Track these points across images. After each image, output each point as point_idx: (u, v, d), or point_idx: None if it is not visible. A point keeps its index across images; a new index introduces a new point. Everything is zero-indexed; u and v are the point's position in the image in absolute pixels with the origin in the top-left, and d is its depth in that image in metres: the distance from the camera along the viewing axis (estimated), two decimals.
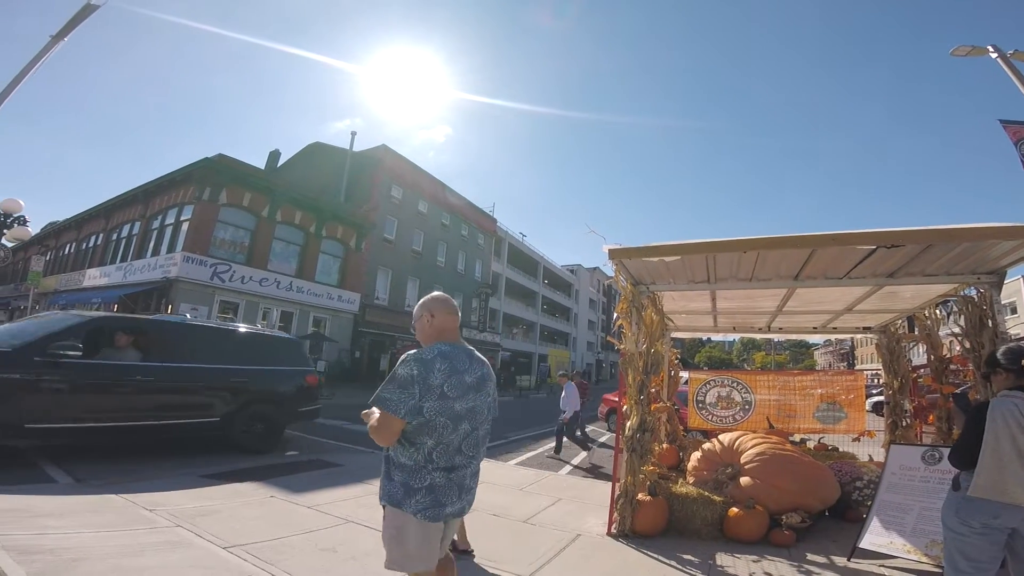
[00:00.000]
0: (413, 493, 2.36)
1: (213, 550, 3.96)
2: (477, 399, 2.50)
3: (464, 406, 2.42)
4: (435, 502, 2.36)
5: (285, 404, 8.59)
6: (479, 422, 2.53)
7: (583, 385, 13.99)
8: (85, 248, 29.60)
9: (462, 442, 2.45)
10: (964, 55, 11.86)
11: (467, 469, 2.50)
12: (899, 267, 4.87)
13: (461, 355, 2.51)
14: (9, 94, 9.24)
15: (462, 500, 2.49)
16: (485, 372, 2.61)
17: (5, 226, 12.02)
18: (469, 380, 2.46)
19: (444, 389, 2.35)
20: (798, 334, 8.41)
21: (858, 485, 5.87)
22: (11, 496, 4.76)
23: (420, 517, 2.34)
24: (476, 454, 2.56)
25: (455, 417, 2.39)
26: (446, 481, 2.40)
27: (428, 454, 2.37)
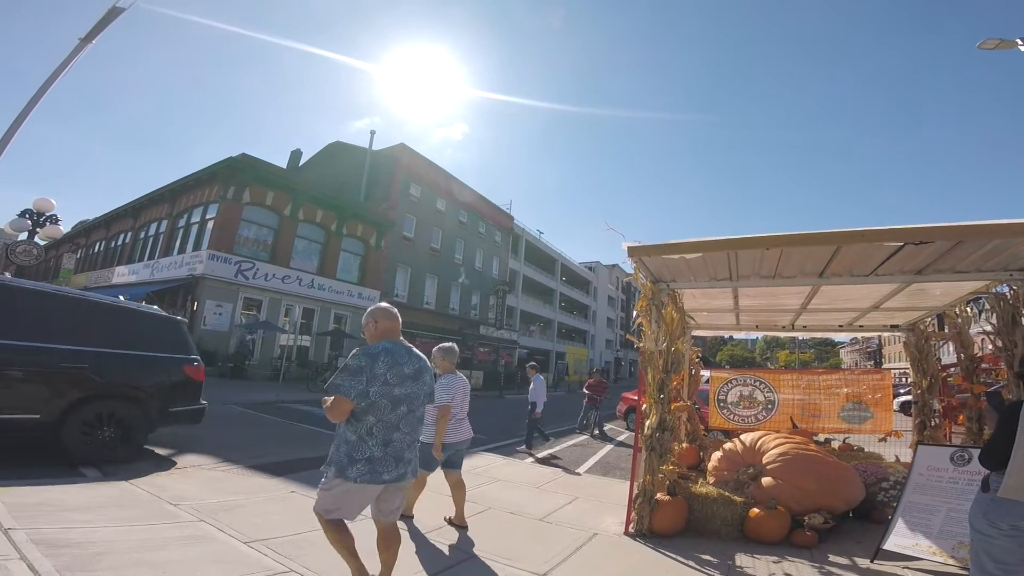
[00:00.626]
0: (354, 463, 2.91)
1: (234, 544, 4.00)
2: (414, 387, 3.13)
3: (402, 391, 3.04)
4: (372, 470, 2.92)
5: (149, 402, 6.58)
6: (415, 405, 3.17)
7: (601, 384, 13.95)
8: (114, 246, 30.27)
9: (400, 421, 3.05)
10: (992, 48, 11.52)
11: (404, 443, 3.08)
12: (928, 264, 4.75)
13: (401, 351, 3.15)
14: (41, 96, 9.44)
15: (399, 469, 3.04)
16: (422, 365, 3.25)
17: (38, 224, 12.32)
18: (407, 371, 3.09)
19: (387, 377, 2.96)
20: (823, 332, 8.24)
21: (884, 486, 5.77)
22: (39, 490, 4.87)
23: (359, 482, 2.90)
24: (413, 431, 3.17)
25: (394, 400, 3.00)
26: (383, 453, 2.96)
27: (369, 429, 2.95)
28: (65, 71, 9.54)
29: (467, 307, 36.20)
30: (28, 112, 9.43)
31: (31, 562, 3.23)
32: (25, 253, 12.07)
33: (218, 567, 3.57)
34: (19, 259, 12.04)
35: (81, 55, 9.57)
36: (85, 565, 3.32)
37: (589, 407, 13.80)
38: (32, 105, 9.46)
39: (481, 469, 7.88)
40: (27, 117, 9.44)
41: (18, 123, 9.34)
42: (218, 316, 20.16)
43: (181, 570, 3.46)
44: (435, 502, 5.69)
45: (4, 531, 3.65)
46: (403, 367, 3.06)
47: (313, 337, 24.03)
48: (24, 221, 12.18)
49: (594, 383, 14.00)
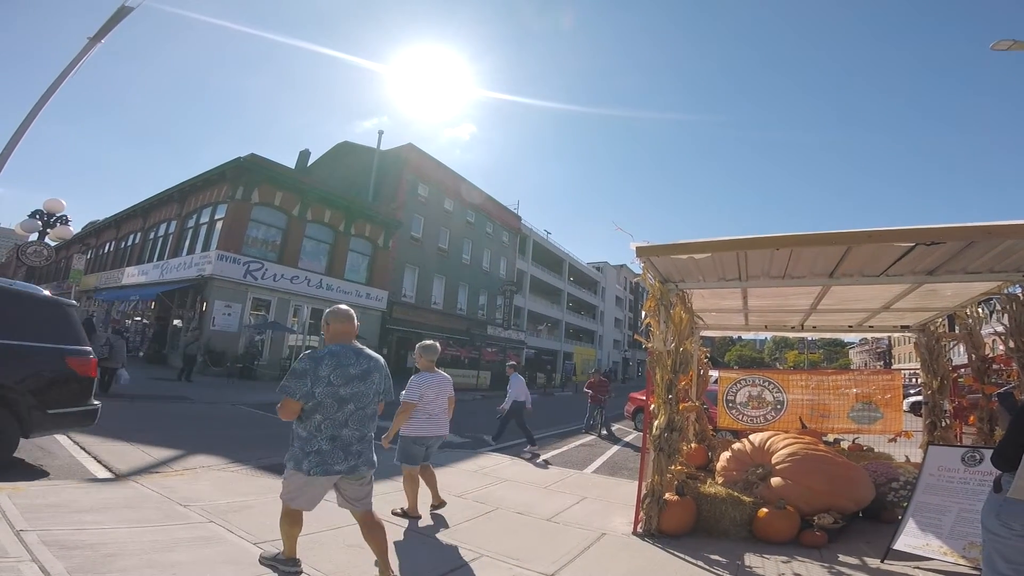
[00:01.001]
0: (306, 456, 3.20)
1: (244, 546, 4.02)
2: (361, 386, 3.34)
3: (348, 391, 3.27)
4: (323, 462, 3.19)
5: (18, 402, 5.38)
6: (364, 403, 3.36)
7: (602, 383, 13.96)
8: (124, 247, 30.52)
9: (348, 418, 3.28)
10: (1005, 49, 11.39)
11: (353, 438, 3.31)
12: (939, 264, 4.71)
13: (349, 353, 3.36)
14: (50, 96, 9.49)
15: (349, 461, 3.27)
16: (371, 366, 3.44)
17: (48, 225, 12.42)
18: (353, 371, 3.31)
19: (331, 379, 3.21)
20: (833, 333, 8.20)
21: (894, 486, 5.73)
22: (50, 491, 4.92)
23: (312, 473, 3.17)
24: (362, 427, 3.37)
25: (340, 399, 3.24)
26: (331, 447, 3.21)
27: (317, 426, 3.21)
28: (74, 70, 9.58)
29: (475, 307, 36.23)
30: (38, 111, 9.49)
31: (43, 564, 3.26)
32: (35, 254, 12.17)
33: (229, 568, 3.59)
34: (29, 260, 12.15)
35: (90, 54, 9.61)
36: (96, 567, 3.34)
37: (593, 407, 13.83)
38: (42, 104, 9.51)
39: (488, 469, 7.89)
40: (36, 116, 9.49)
41: (28, 122, 9.39)
42: (227, 317, 20.26)
43: (192, 571, 3.48)
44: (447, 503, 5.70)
45: (16, 533, 3.68)
46: (349, 368, 3.30)
47: (321, 338, 24.05)
48: (34, 222, 12.28)
49: (595, 383, 14.02)
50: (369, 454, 3.42)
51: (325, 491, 3.34)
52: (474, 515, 5.44)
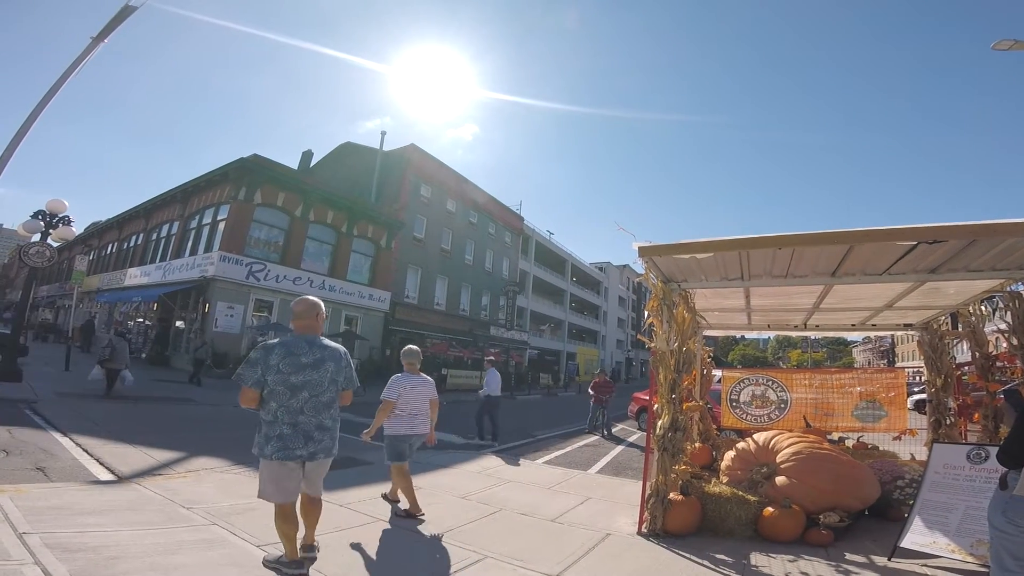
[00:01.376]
0: (269, 441, 3.40)
1: (247, 548, 4.02)
2: (314, 374, 3.50)
3: (300, 379, 3.45)
4: (284, 447, 3.38)
5: None
6: (318, 391, 3.52)
7: (606, 384, 14.01)
8: (126, 248, 30.56)
9: (303, 405, 3.46)
10: (1006, 49, 11.33)
11: (311, 424, 3.48)
12: (942, 263, 4.69)
13: (301, 343, 3.55)
14: (52, 96, 9.48)
15: (309, 447, 3.46)
16: (324, 355, 3.60)
17: (51, 226, 12.42)
18: (305, 360, 3.49)
19: (280, 367, 3.41)
20: (836, 332, 8.16)
21: (899, 484, 5.71)
22: (53, 493, 4.92)
23: (274, 458, 3.37)
24: (318, 414, 3.52)
25: (292, 387, 3.43)
26: (292, 432, 3.41)
27: (275, 413, 3.41)
28: (77, 70, 9.57)
29: (477, 308, 36.21)
30: (40, 111, 9.47)
31: (45, 567, 3.26)
32: (38, 255, 12.18)
33: (232, 571, 3.59)
34: (32, 260, 12.16)
35: (93, 54, 9.60)
36: (99, 569, 3.34)
37: (596, 407, 13.85)
38: (44, 104, 9.51)
39: (492, 470, 7.88)
40: (39, 116, 9.48)
41: (30, 122, 9.38)
42: (230, 318, 20.28)
43: (195, 574, 3.49)
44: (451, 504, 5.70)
45: (19, 535, 3.69)
46: (300, 357, 3.48)
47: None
48: (37, 222, 12.26)
49: (599, 383, 14.05)
50: (329, 443, 3.60)
51: (295, 478, 3.48)
52: (478, 516, 5.42)
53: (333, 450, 3.64)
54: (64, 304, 34.40)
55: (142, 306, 25.09)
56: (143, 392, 13.09)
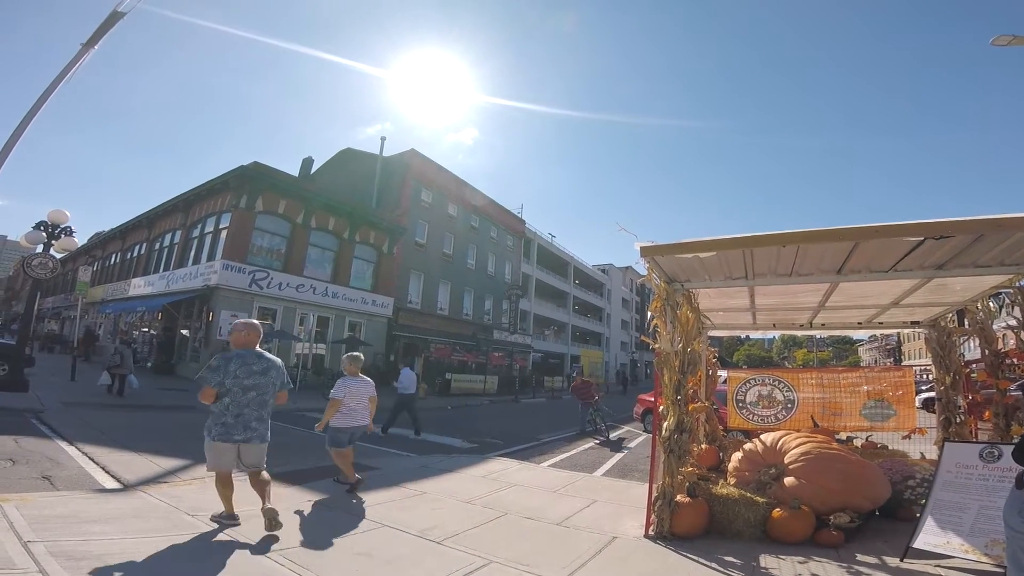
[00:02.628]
0: (215, 427, 4.44)
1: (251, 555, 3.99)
2: (261, 379, 4.58)
3: (251, 382, 4.51)
4: (226, 432, 4.43)
5: None
6: (263, 392, 4.60)
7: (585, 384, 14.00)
8: (130, 258, 30.64)
9: (249, 402, 4.51)
10: (1005, 45, 11.26)
11: (251, 416, 4.53)
12: (949, 259, 4.64)
13: (251, 356, 4.62)
14: (43, 103, 9.42)
15: (246, 433, 4.50)
16: (269, 366, 4.69)
17: (53, 237, 12.44)
18: (255, 368, 4.56)
19: (236, 373, 4.45)
20: (842, 330, 8.09)
21: (910, 484, 5.65)
22: (58, 501, 4.91)
23: (216, 439, 4.42)
24: (260, 409, 4.60)
25: (244, 387, 4.48)
26: (235, 422, 4.45)
27: (226, 406, 4.44)
28: (68, 76, 9.50)
29: (480, 312, 36.20)
30: (31, 118, 9.40)
31: (50, 575, 3.24)
32: (41, 266, 12.21)
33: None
34: (35, 272, 12.18)
35: (84, 60, 9.54)
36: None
37: (585, 410, 13.80)
38: (35, 111, 9.43)
39: (496, 474, 7.83)
40: (30, 123, 9.42)
41: (21, 129, 9.31)
42: None
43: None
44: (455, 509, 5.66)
45: (24, 544, 3.67)
46: (252, 366, 4.55)
47: (328, 345, 24.07)
48: (39, 233, 12.28)
49: (578, 385, 14.04)
50: (263, 431, 4.66)
51: (231, 455, 4.49)
52: (483, 521, 5.38)
53: (266, 437, 4.70)
54: (69, 315, 34.51)
55: (146, 316, 25.13)
56: (149, 401, 13.11)
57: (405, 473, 7.50)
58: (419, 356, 28.52)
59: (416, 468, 7.94)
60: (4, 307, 62.06)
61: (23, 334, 12.90)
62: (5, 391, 11.28)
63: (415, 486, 6.75)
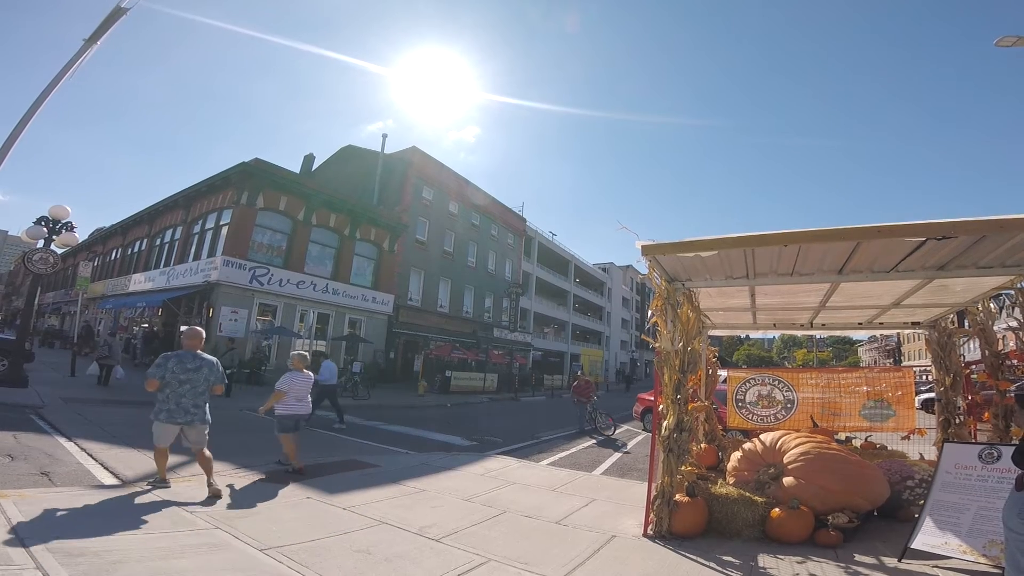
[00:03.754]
0: (159, 412, 5.44)
1: (250, 552, 4.00)
2: (195, 375, 5.58)
3: (185, 376, 5.51)
4: (170, 416, 5.43)
5: None
6: (197, 384, 5.60)
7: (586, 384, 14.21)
8: (131, 253, 30.64)
9: (186, 392, 5.51)
10: (1010, 46, 11.21)
11: (189, 403, 5.53)
12: (950, 259, 4.63)
13: (189, 356, 5.65)
14: (45, 99, 9.38)
15: (186, 417, 5.51)
16: (201, 364, 5.68)
17: (54, 232, 12.43)
18: (189, 366, 5.56)
19: (174, 369, 5.47)
20: (842, 330, 8.07)
21: (909, 484, 5.65)
22: (57, 497, 4.90)
23: (161, 421, 5.42)
24: (197, 398, 5.61)
25: (179, 381, 5.48)
26: (175, 407, 5.45)
27: (167, 396, 5.45)
28: (70, 72, 9.47)
29: (481, 310, 36.19)
30: (33, 113, 9.36)
31: (47, 571, 3.24)
32: (42, 261, 12.19)
33: (235, 575, 3.56)
34: (36, 267, 12.16)
35: (86, 57, 9.51)
36: (101, 574, 3.32)
37: (582, 408, 13.96)
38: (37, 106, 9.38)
39: (496, 472, 7.84)
40: (32, 118, 9.38)
41: (23, 124, 9.27)
42: (234, 322, 20.26)
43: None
44: (455, 507, 5.66)
45: (21, 540, 3.66)
46: (186, 364, 5.57)
47: (328, 342, 24.08)
48: (40, 229, 12.26)
49: (580, 385, 14.21)
50: (201, 415, 5.64)
51: (173, 434, 5.52)
52: (482, 519, 5.39)
53: (205, 419, 5.69)
54: (70, 310, 34.52)
55: (147, 311, 25.13)
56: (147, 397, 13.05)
57: (405, 471, 7.50)
58: (419, 354, 28.51)
59: (416, 466, 7.94)
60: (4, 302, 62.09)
61: (23, 329, 12.89)
62: (5, 386, 11.27)
63: (414, 484, 6.75)
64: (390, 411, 16.23)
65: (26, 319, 13.36)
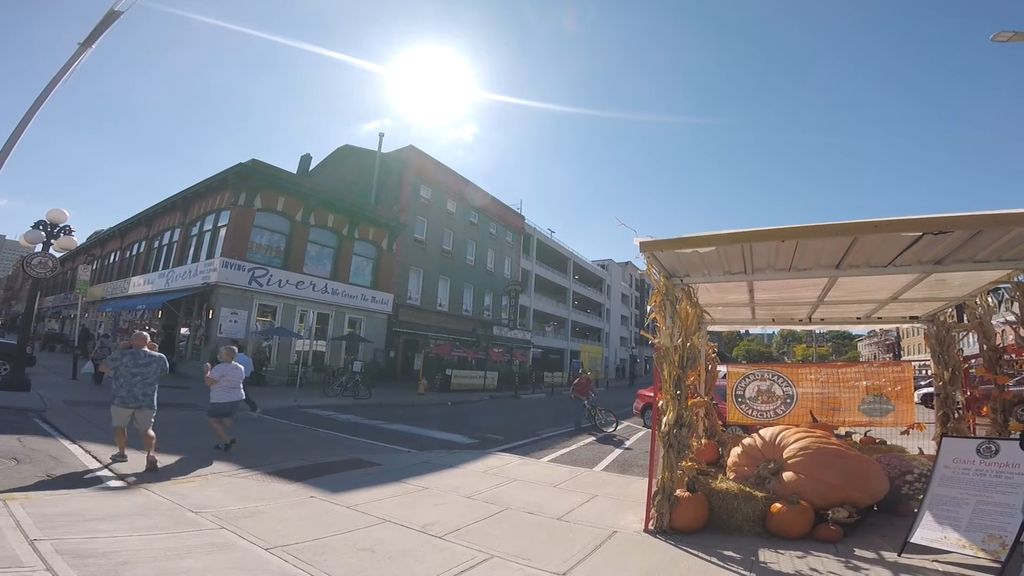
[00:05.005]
0: (115, 398, 6.59)
1: (255, 551, 4.02)
2: (145, 369, 6.73)
3: (136, 370, 6.66)
4: (122, 401, 6.56)
5: None
6: (148, 376, 6.75)
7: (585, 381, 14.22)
8: (129, 256, 30.63)
9: (136, 382, 6.64)
10: (1006, 40, 11.22)
11: (138, 391, 6.63)
12: (947, 254, 4.66)
13: (140, 354, 6.80)
14: (41, 103, 9.38)
15: (136, 403, 6.62)
16: (151, 360, 6.85)
17: (52, 236, 12.43)
18: (140, 362, 6.72)
19: (128, 364, 6.67)
20: (841, 325, 8.12)
21: (908, 479, 5.68)
22: (63, 500, 4.93)
23: (116, 405, 6.58)
24: (147, 388, 6.72)
25: (130, 374, 6.63)
26: (127, 394, 6.57)
27: (120, 384, 6.60)
28: (66, 76, 9.47)
29: (480, 308, 36.20)
30: (30, 118, 9.38)
31: (57, 573, 3.27)
32: (41, 265, 12.20)
33: (240, 575, 3.59)
34: (35, 271, 12.18)
35: (81, 60, 9.50)
36: (109, 575, 3.35)
37: (579, 404, 14.00)
38: (34, 110, 9.40)
39: (497, 469, 7.87)
40: (30, 123, 9.39)
41: (20, 129, 9.29)
42: (233, 323, 20.27)
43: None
44: (457, 504, 5.68)
45: (30, 542, 3.69)
46: (139, 360, 6.75)
47: (328, 342, 24.11)
48: (38, 233, 12.27)
49: (581, 383, 14.25)
50: (149, 401, 6.79)
51: (127, 416, 6.62)
52: (484, 516, 5.42)
53: (153, 403, 6.83)
54: (70, 314, 34.51)
55: (147, 314, 25.14)
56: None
57: (407, 469, 7.53)
58: (419, 352, 28.54)
59: (417, 464, 7.97)
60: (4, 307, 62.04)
61: (24, 333, 12.91)
62: (7, 391, 11.31)
63: (416, 482, 6.78)
64: (391, 410, 16.25)
65: (27, 323, 13.38)
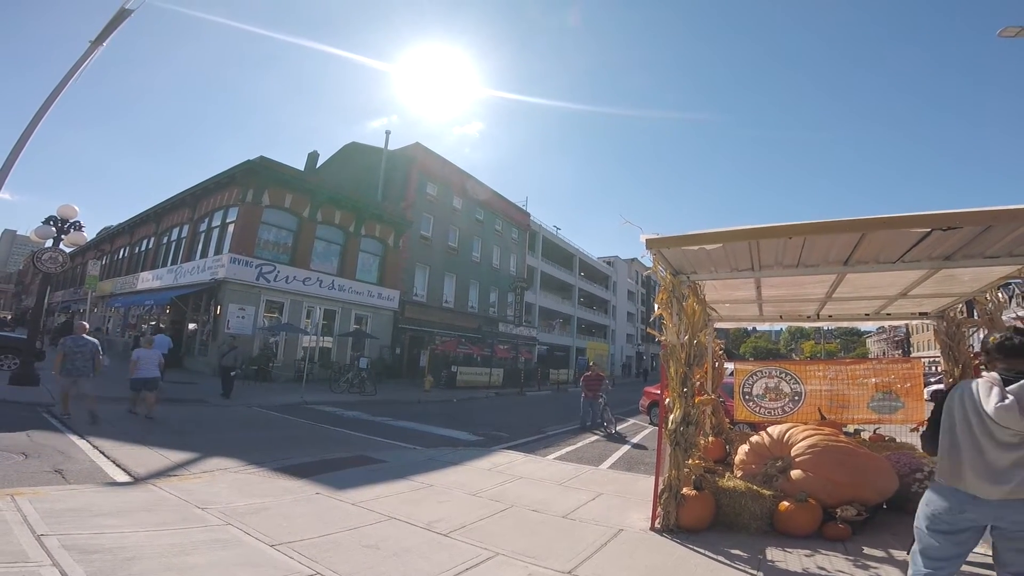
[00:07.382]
0: (63, 370, 8.90)
1: (261, 548, 4.03)
2: (83, 348, 9.02)
3: (77, 349, 8.97)
4: (68, 373, 8.90)
5: None
6: (85, 355, 9.02)
7: (598, 377, 13.82)
8: (138, 252, 30.82)
9: (78, 359, 8.93)
10: (1013, 36, 11.10)
11: (77, 366, 8.90)
12: (957, 249, 4.60)
13: (80, 339, 9.15)
14: (53, 101, 9.46)
15: (75, 375, 8.91)
16: (86, 343, 9.13)
17: (62, 231, 12.53)
18: (80, 344, 9.05)
19: (70, 345, 8.99)
20: (849, 321, 8.05)
21: (918, 477, 5.62)
22: (70, 495, 4.97)
23: (63, 375, 8.94)
24: (85, 363, 9.00)
25: (73, 354, 8.92)
26: (71, 366, 8.90)
27: (66, 360, 8.88)
28: (77, 74, 9.54)
29: (486, 305, 36.20)
30: (42, 115, 9.46)
31: (63, 568, 3.28)
32: (51, 260, 12.29)
33: (246, 571, 3.60)
34: (45, 266, 12.27)
35: (93, 58, 9.56)
36: (116, 571, 3.36)
37: (587, 403, 13.61)
38: (46, 108, 9.48)
39: (502, 467, 7.86)
40: (41, 120, 9.47)
41: (33, 126, 9.37)
42: (241, 319, 20.36)
43: (210, 574, 3.49)
44: (462, 502, 5.68)
45: (37, 537, 3.71)
46: (78, 342, 8.97)
47: (335, 338, 24.16)
48: (49, 228, 12.38)
49: (592, 376, 13.87)
50: (88, 373, 8.94)
51: (71, 383, 8.86)
52: (489, 513, 5.41)
53: (89, 375, 8.97)
54: (79, 309, 34.76)
55: (155, 309, 25.29)
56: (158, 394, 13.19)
57: (412, 466, 7.53)
58: (425, 349, 28.57)
59: (423, 461, 7.98)
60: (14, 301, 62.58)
61: (33, 328, 13.01)
62: (17, 385, 11.41)
63: (422, 479, 6.79)
64: (396, 406, 16.28)
65: (36, 318, 13.47)
